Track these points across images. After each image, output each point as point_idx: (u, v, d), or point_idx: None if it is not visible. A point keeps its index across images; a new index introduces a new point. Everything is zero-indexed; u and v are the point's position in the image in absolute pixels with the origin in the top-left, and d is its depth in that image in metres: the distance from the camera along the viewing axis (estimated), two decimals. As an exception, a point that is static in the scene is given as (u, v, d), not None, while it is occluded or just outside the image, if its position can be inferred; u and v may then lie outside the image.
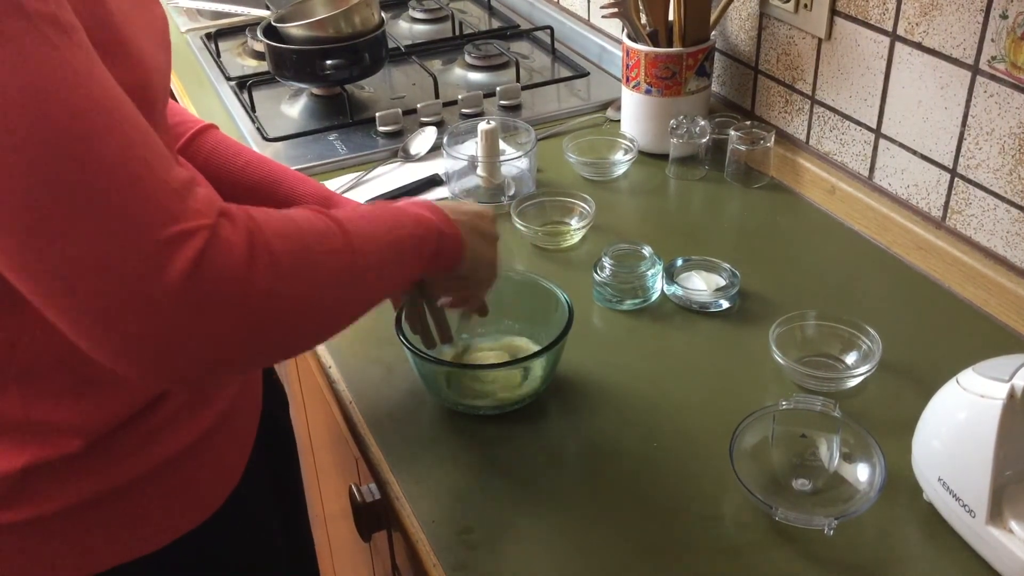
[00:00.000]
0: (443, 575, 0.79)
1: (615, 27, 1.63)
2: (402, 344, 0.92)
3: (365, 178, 1.36)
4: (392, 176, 1.36)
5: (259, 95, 1.57)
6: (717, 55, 1.41)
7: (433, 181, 1.34)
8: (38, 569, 0.77)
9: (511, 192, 1.30)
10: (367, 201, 1.28)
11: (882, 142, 1.17)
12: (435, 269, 0.83)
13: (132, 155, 0.58)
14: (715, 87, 1.44)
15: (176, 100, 1.70)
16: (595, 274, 1.09)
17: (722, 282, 1.08)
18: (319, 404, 1.16)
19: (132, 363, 0.59)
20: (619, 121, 1.44)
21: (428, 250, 0.80)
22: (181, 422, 0.79)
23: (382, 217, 0.77)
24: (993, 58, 0.99)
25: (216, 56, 1.75)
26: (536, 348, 0.95)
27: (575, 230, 1.21)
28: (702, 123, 1.32)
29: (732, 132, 1.30)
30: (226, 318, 0.60)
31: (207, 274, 0.58)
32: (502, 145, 1.32)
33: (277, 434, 1.01)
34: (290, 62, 1.50)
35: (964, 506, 0.76)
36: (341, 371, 1.01)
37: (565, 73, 1.67)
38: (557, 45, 1.74)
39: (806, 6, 1.21)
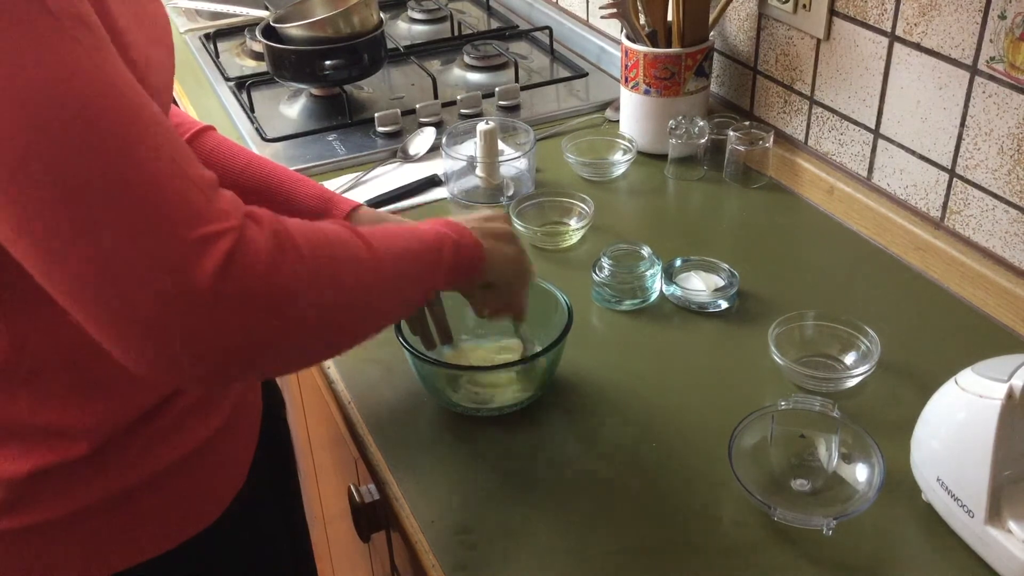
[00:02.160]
0: (442, 575, 0.79)
1: (614, 27, 1.63)
2: (401, 345, 0.92)
3: (364, 178, 1.36)
4: (391, 176, 1.36)
5: (258, 95, 1.57)
6: (716, 55, 1.41)
7: (432, 182, 1.34)
8: (46, 573, 0.76)
9: (510, 192, 1.30)
10: (367, 201, 1.28)
11: (881, 142, 1.17)
12: (460, 280, 0.83)
13: (160, 154, 0.58)
14: (714, 87, 1.44)
15: (176, 102, 1.70)
16: (594, 274, 1.09)
17: (721, 282, 1.08)
18: (318, 404, 1.16)
19: (152, 364, 0.59)
20: (618, 121, 1.44)
21: (446, 262, 0.80)
22: (188, 425, 0.79)
23: (400, 233, 0.77)
24: (992, 58, 0.99)
25: (215, 56, 1.75)
26: (536, 349, 0.95)
27: (574, 230, 1.21)
28: (701, 123, 1.32)
29: (731, 132, 1.30)
30: (253, 320, 0.60)
31: (235, 275, 0.58)
32: (501, 146, 1.32)
33: (277, 435, 1.01)
34: (289, 62, 1.50)
35: (963, 506, 0.76)
36: (340, 371, 1.01)
37: (564, 73, 1.67)
38: (556, 45, 1.74)
39: (805, 6, 1.21)
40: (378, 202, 1.29)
